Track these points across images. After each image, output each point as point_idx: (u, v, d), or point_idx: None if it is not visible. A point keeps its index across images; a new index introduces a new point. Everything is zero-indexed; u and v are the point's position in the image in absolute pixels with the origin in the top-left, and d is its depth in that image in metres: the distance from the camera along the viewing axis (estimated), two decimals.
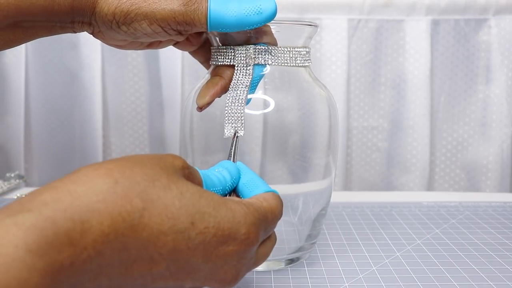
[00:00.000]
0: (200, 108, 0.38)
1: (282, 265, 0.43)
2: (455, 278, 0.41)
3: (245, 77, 0.37)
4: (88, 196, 0.22)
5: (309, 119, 0.43)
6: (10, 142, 0.81)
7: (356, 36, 0.78)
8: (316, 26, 0.40)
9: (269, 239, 0.31)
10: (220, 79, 0.38)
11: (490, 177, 0.81)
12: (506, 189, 0.81)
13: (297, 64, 0.40)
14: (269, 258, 0.31)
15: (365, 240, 0.50)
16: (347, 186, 0.83)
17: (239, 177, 0.32)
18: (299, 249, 0.44)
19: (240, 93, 0.37)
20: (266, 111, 0.39)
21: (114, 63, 0.80)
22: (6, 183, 0.69)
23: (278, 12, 0.79)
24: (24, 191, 0.68)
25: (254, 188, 0.31)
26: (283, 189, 0.44)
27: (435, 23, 0.77)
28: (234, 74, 0.38)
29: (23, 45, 0.78)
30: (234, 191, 0.32)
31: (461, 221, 0.56)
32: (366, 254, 0.46)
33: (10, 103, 0.80)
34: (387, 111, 0.81)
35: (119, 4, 0.34)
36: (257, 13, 0.36)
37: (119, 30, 0.35)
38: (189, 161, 0.43)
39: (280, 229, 0.46)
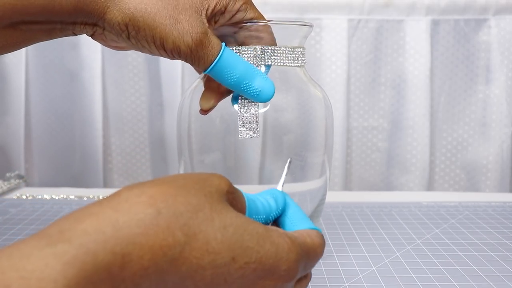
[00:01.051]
0: (205, 112, 0.38)
1: None
2: (455, 278, 0.41)
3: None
4: (130, 227, 0.21)
5: (306, 119, 0.43)
6: (10, 142, 0.81)
7: (356, 36, 0.78)
8: (311, 26, 0.41)
9: (305, 277, 0.30)
10: (219, 88, 0.38)
11: (490, 177, 0.81)
12: (506, 189, 0.81)
13: (296, 64, 0.40)
14: None
15: (365, 240, 0.50)
16: (347, 186, 0.83)
17: (284, 209, 0.31)
18: None
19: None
20: (262, 110, 0.40)
21: (114, 63, 0.80)
22: (6, 183, 0.69)
23: (279, 12, 0.80)
24: (24, 191, 0.68)
25: (298, 223, 0.30)
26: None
27: (435, 23, 0.77)
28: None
29: None
30: (276, 221, 0.31)
31: (460, 221, 0.56)
32: (366, 254, 0.46)
33: (10, 103, 0.80)
34: (387, 111, 0.81)
35: (133, 17, 0.33)
36: (255, 93, 0.36)
37: (127, 40, 0.34)
38: (185, 160, 0.43)
39: None
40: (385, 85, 0.80)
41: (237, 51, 0.37)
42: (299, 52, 0.40)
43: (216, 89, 0.37)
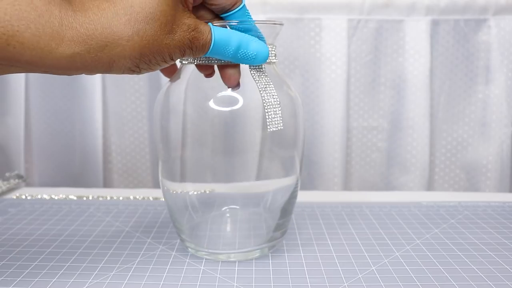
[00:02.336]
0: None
1: (249, 256, 0.44)
2: (455, 278, 0.41)
3: (262, 78, 0.39)
4: None
5: None
6: (10, 142, 0.81)
7: (356, 36, 0.78)
8: (281, 24, 0.42)
9: None
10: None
11: (489, 177, 0.81)
12: (505, 189, 0.81)
13: (269, 61, 0.41)
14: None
15: (364, 240, 0.50)
16: (347, 186, 0.83)
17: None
18: (270, 240, 0.46)
19: (270, 91, 0.39)
20: (235, 108, 0.40)
21: None
22: (5, 183, 0.69)
23: (278, 11, 0.80)
24: (24, 191, 0.68)
25: None
26: (251, 184, 0.46)
27: (434, 23, 0.77)
28: (254, 78, 0.39)
29: None
30: None
31: (460, 221, 0.56)
32: (365, 254, 0.46)
33: (10, 103, 0.80)
34: (387, 111, 0.81)
35: (143, 54, 0.33)
36: (251, 58, 0.38)
37: (141, 72, 0.35)
38: (162, 160, 0.44)
39: (249, 221, 0.47)
40: (385, 85, 0.80)
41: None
42: (273, 50, 0.41)
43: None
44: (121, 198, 0.64)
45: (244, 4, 0.39)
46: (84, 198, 0.64)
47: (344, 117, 0.79)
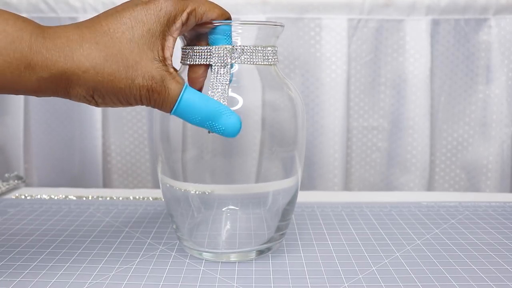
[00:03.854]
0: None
1: (249, 257, 0.44)
2: (455, 278, 0.41)
3: (223, 76, 0.39)
4: None
5: (277, 116, 0.44)
6: (10, 143, 0.81)
7: (356, 36, 0.78)
8: (282, 26, 0.42)
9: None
10: (200, 68, 0.40)
11: (490, 177, 0.81)
12: (506, 189, 0.81)
13: (266, 63, 0.41)
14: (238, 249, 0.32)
15: (365, 240, 0.49)
16: (347, 186, 0.83)
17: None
18: (269, 240, 0.45)
19: (221, 92, 0.38)
20: (234, 108, 0.40)
21: None
22: (5, 183, 0.69)
23: (278, 11, 0.80)
24: (23, 191, 0.68)
25: None
26: (251, 185, 0.46)
27: (435, 23, 0.77)
28: (212, 73, 0.39)
29: None
30: None
31: (460, 221, 0.56)
32: (366, 254, 0.46)
33: (9, 103, 0.80)
34: (387, 111, 0.81)
35: (96, 89, 0.34)
36: (220, 131, 0.37)
37: (98, 105, 0.36)
38: (162, 160, 0.44)
39: (249, 222, 0.47)
40: (385, 85, 0.80)
41: (208, 50, 0.39)
42: (270, 51, 0.41)
43: (198, 70, 0.40)
44: (120, 198, 0.64)
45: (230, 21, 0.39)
46: (84, 198, 0.64)
47: (344, 117, 0.78)
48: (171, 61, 0.37)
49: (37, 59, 0.33)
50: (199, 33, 0.39)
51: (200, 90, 0.40)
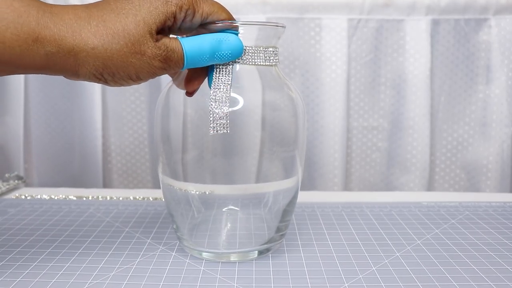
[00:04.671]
0: (190, 94, 0.41)
1: (249, 257, 0.44)
2: (455, 278, 0.41)
3: (225, 76, 0.39)
4: None
5: (277, 117, 0.44)
6: (10, 143, 0.81)
7: (356, 36, 0.78)
8: (284, 26, 0.42)
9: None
10: (201, 68, 0.40)
11: (490, 177, 0.81)
12: (506, 189, 0.81)
13: (268, 64, 0.41)
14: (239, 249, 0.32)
15: (365, 241, 0.49)
16: (347, 186, 0.83)
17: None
18: (269, 241, 0.45)
19: (223, 92, 0.38)
20: (235, 108, 0.40)
21: None
22: (5, 183, 0.69)
23: (278, 11, 0.80)
24: (23, 191, 0.68)
25: None
26: (251, 186, 0.46)
27: (435, 23, 0.77)
28: (214, 73, 0.39)
29: None
30: None
31: (461, 221, 0.56)
32: (366, 255, 0.46)
33: (9, 103, 0.80)
34: (387, 111, 0.81)
35: (106, 66, 0.35)
36: (228, 56, 0.39)
37: (108, 84, 0.37)
38: (162, 161, 0.44)
39: (249, 222, 0.47)
40: (385, 85, 0.80)
41: None
42: (271, 52, 0.41)
43: (198, 72, 0.40)
44: (121, 198, 0.64)
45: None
46: (84, 198, 0.64)
47: (344, 117, 0.78)
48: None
49: (45, 34, 0.33)
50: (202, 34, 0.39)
51: (197, 89, 0.41)
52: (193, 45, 0.37)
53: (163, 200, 0.59)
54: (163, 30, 0.37)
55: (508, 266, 0.43)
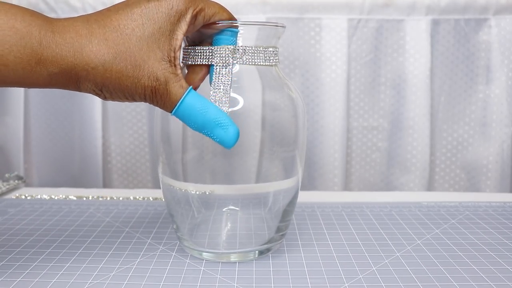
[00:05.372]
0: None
1: (249, 257, 0.44)
2: (455, 278, 0.41)
3: (225, 77, 0.39)
4: None
5: (277, 116, 0.44)
6: (10, 143, 0.81)
7: (356, 36, 0.78)
8: (284, 26, 0.42)
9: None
10: (201, 68, 0.40)
11: (490, 177, 0.81)
12: (506, 189, 0.81)
13: (268, 64, 0.41)
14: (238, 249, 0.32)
15: (365, 240, 0.49)
16: (347, 186, 0.83)
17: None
18: (269, 241, 0.45)
19: (223, 92, 0.38)
20: (235, 108, 0.40)
21: None
22: (5, 183, 0.69)
23: (278, 11, 0.80)
24: (23, 191, 0.68)
25: None
26: (251, 186, 0.46)
27: (435, 23, 0.77)
28: (214, 74, 0.39)
29: None
30: None
31: (461, 221, 0.56)
32: (366, 254, 0.46)
33: (9, 104, 0.80)
34: (387, 111, 0.81)
35: (104, 86, 0.35)
36: (215, 140, 0.37)
37: (107, 100, 0.37)
38: (162, 161, 0.44)
39: (250, 222, 0.47)
40: (385, 85, 0.80)
41: (210, 50, 0.39)
42: (271, 52, 0.41)
43: (197, 70, 0.39)
44: (121, 198, 0.64)
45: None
46: (84, 198, 0.64)
47: (344, 117, 0.78)
48: (179, 59, 0.37)
49: (47, 54, 0.33)
50: (203, 34, 0.39)
51: (195, 88, 0.40)
52: (191, 107, 0.36)
53: (163, 200, 0.59)
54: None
55: (508, 266, 0.43)
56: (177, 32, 0.36)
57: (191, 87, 0.37)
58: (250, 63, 0.40)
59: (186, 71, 0.41)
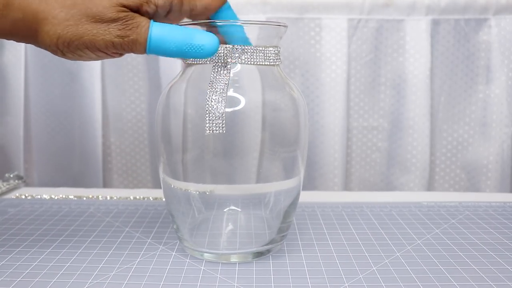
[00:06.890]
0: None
1: (249, 258, 0.44)
2: (455, 278, 0.41)
3: (223, 76, 0.39)
4: None
5: (278, 116, 0.44)
6: (10, 143, 0.81)
7: (356, 36, 0.78)
8: (286, 26, 0.42)
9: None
10: None
11: (490, 177, 0.81)
12: (506, 189, 0.81)
13: (267, 63, 0.41)
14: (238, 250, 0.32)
15: (365, 240, 0.49)
16: (347, 186, 0.83)
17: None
18: (270, 242, 0.45)
19: (220, 92, 0.38)
20: (236, 108, 0.40)
21: (114, 63, 0.80)
22: (5, 183, 0.69)
23: (278, 11, 0.80)
24: (23, 191, 0.68)
25: None
26: (252, 186, 0.45)
27: (435, 23, 0.77)
28: (212, 73, 0.39)
29: (22, 45, 0.78)
30: None
31: (461, 221, 0.56)
32: (366, 254, 0.46)
33: (9, 104, 0.80)
34: (387, 111, 0.81)
35: (61, 35, 0.35)
36: (200, 51, 0.37)
37: (65, 56, 0.37)
38: (163, 161, 0.44)
39: (250, 223, 0.47)
40: (385, 85, 0.80)
41: None
42: (272, 51, 0.41)
43: None
44: (121, 198, 0.64)
45: (229, 5, 0.39)
46: (84, 198, 0.64)
47: (344, 117, 0.78)
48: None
49: (17, 2, 0.35)
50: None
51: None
52: (162, 29, 0.36)
53: (163, 200, 0.59)
54: (139, 12, 0.37)
55: (508, 266, 0.43)
56: None
57: (152, 20, 0.37)
58: (249, 62, 0.40)
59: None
